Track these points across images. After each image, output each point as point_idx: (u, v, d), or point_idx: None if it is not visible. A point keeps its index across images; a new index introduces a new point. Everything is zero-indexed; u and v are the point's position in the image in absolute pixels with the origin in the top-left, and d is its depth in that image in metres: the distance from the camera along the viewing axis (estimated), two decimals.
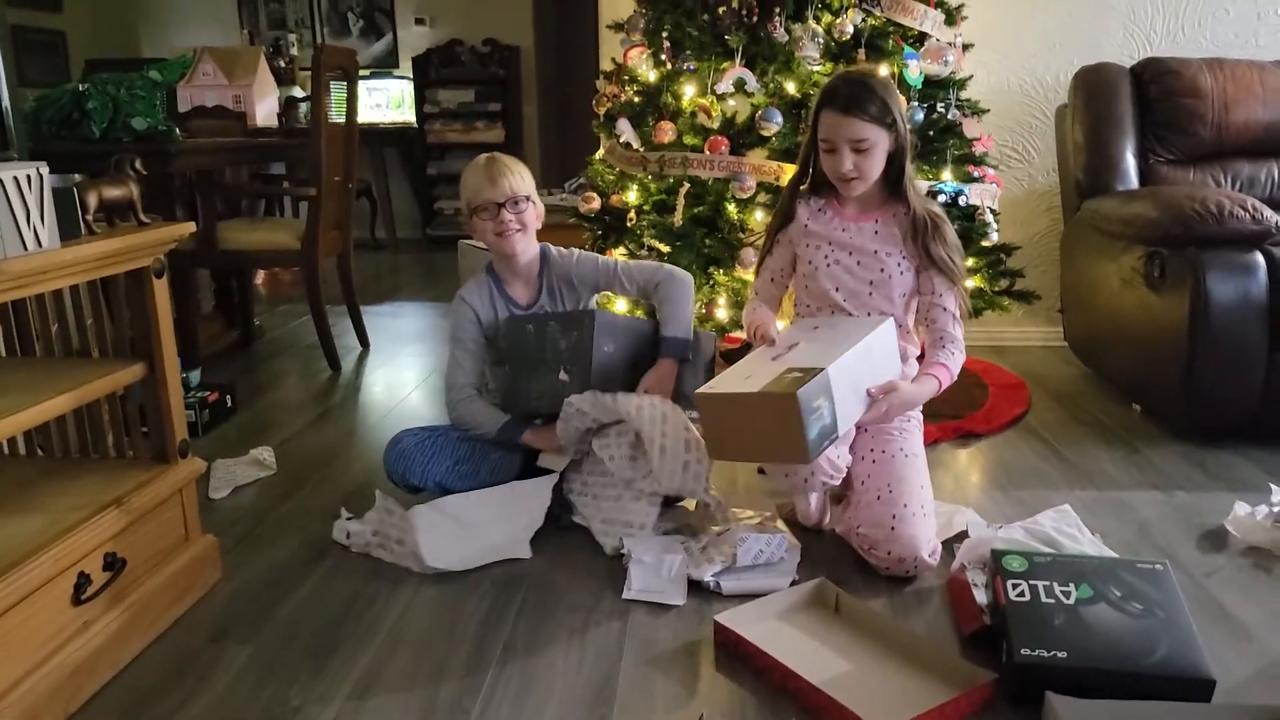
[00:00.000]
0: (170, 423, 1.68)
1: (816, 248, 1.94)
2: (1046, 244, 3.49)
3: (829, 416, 1.60)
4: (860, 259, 1.90)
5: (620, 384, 1.96)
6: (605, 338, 1.95)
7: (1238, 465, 2.32)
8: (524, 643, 1.57)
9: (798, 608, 1.64)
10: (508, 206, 1.98)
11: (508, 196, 1.98)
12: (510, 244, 2.00)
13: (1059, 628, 1.41)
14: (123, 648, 1.52)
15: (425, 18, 6.62)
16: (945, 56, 2.59)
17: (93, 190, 1.52)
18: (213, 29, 6.62)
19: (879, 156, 1.82)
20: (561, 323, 1.99)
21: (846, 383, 1.64)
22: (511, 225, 1.99)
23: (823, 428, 1.60)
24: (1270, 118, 2.94)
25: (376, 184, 6.50)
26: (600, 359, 1.93)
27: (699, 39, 2.61)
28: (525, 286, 2.11)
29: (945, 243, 1.86)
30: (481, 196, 1.98)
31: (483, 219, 2.00)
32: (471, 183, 2.01)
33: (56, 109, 2.91)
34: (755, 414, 1.61)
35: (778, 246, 2.03)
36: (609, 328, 1.98)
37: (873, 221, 1.91)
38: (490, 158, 2.03)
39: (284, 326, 4.03)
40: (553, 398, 1.95)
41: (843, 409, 1.63)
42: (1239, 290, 2.30)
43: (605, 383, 1.93)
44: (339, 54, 3.30)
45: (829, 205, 1.94)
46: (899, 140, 1.83)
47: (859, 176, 1.83)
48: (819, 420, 1.58)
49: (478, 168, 2.02)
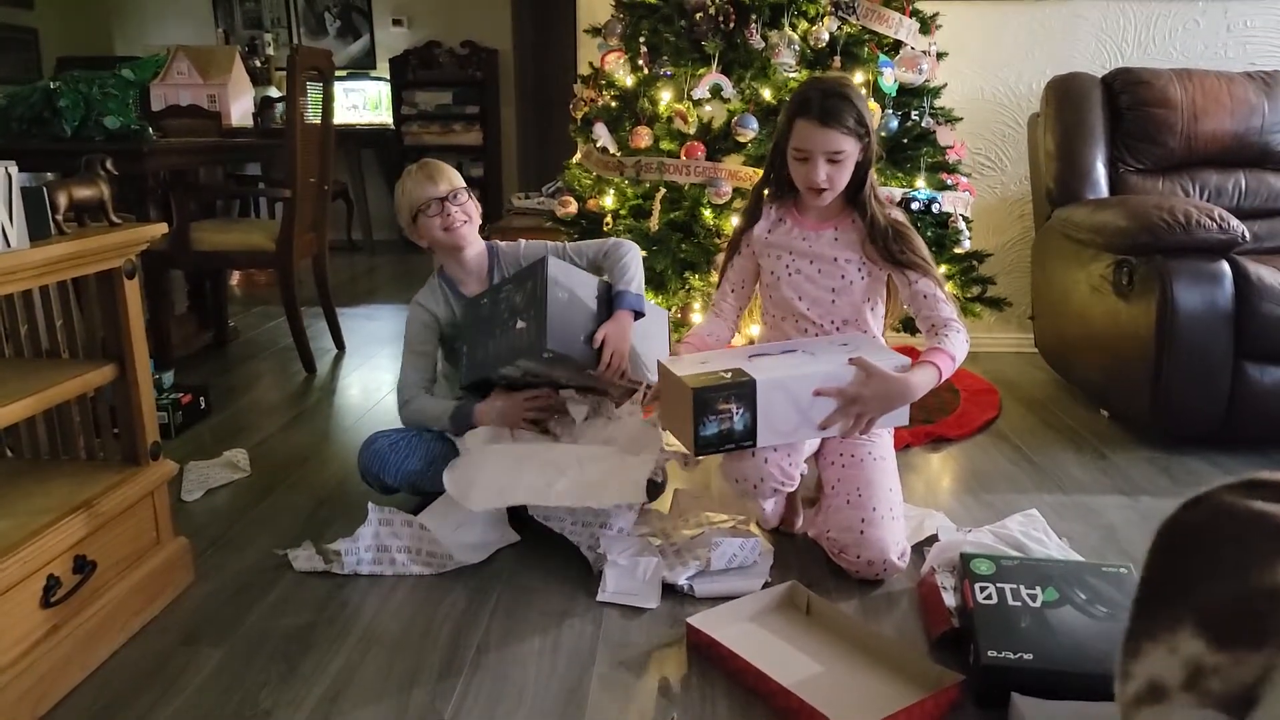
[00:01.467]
0: (142, 424, 1.67)
1: (777, 258, 1.94)
2: (1018, 251, 3.53)
3: (741, 425, 1.62)
4: (821, 266, 1.91)
5: (579, 331, 1.94)
6: (560, 286, 1.93)
7: (1204, 471, 2.35)
8: (497, 645, 1.57)
9: (769, 610, 1.65)
10: (450, 199, 2.04)
11: (450, 190, 2.04)
12: (460, 236, 2.06)
13: (1025, 630, 1.43)
14: (92, 651, 1.50)
15: (403, 19, 6.59)
16: (920, 65, 2.62)
17: (63, 190, 1.51)
18: (187, 28, 6.57)
19: (850, 167, 1.83)
20: (516, 281, 2.00)
21: (785, 401, 1.64)
22: (458, 217, 2.04)
23: (726, 432, 1.62)
24: (1237, 128, 3.00)
25: (353, 185, 6.47)
26: (555, 305, 1.90)
27: (676, 45, 2.62)
28: (478, 283, 2.14)
29: (912, 248, 1.86)
30: (424, 195, 2.04)
31: (428, 216, 2.04)
32: (409, 187, 2.07)
33: (27, 107, 2.88)
34: (675, 396, 1.67)
35: (740, 255, 2.01)
36: (564, 272, 1.97)
37: (831, 229, 1.91)
38: (423, 162, 2.11)
39: (259, 328, 4.01)
40: (511, 352, 1.93)
41: (774, 424, 1.65)
42: (1205, 298, 2.34)
43: (563, 329, 1.90)
44: (315, 55, 3.29)
45: (788, 214, 1.95)
46: (867, 151, 1.84)
47: (830, 187, 1.83)
48: (721, 424, 1.61)
49: (412, 173, 2.09)
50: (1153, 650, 0.80)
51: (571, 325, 1.93)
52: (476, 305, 2.07)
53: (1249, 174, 3.04)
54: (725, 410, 1.60)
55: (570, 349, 1.90)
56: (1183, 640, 0.78)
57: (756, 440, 1.65)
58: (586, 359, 1.93)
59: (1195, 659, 0.76)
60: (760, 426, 1.64)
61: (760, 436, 1.65)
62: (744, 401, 1.61)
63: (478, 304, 2.06)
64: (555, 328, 1.88)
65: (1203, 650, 0.76)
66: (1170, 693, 0.77)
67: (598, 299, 2.03)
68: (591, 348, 1.94)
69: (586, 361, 1.93)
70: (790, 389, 1.64)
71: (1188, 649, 0.77)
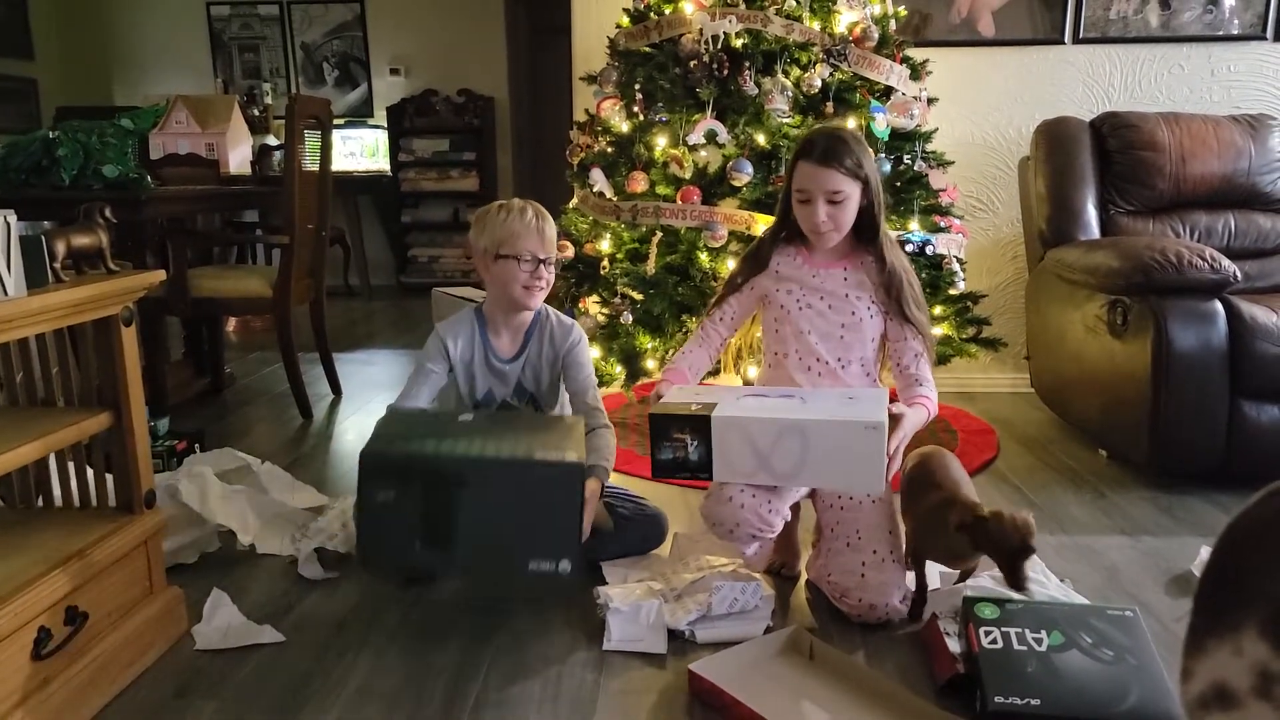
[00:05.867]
0: (136, 472, 1.65)
1: (788, 291, 1.94)
2: (1012, 292, 3.55)
3: (696, 456, 1.67)
4: (831, 303, 1.92)
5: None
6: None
7: (1204, 510, 2.35)
8: (496, 696, 1.55)
9: (772, 655, 1.63)
10: (547, 265, 1.95)
11: (550, 254, 1.96)
12: (534, 299, 1.96)
13: (1031, 675, 1.42)
14: (84, 704, 1.48)
15: (400, 68, 6.68)
16: (911, 110, 2.66)
17: (61, 238, 1.52)
18: (187, 78, 6.64)
19: (851, 209, 1.85)
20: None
21: (741, 441, 1.65)
22: (546, 282, 1.96)
23: (679, 460, 1.68)
24: (1225, 170, 3.03)
25: (350, 231, 6.50)
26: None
27: (671, 91, 2.66)
28: (511, 340, 2.05)
29: (916, 303, 1.90)
30: (524, 246, 1.92)
31: (520, 268, 1.92)
32: (513, 228, 1.93)
33: (26, 155, 2.90)
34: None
35: (740, 293, 1.99)
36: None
37: (841, 268, 1.93)
38: (534, 207, 1.97)
39: (255, 374, 4.00)
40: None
41: (730, 461, 1.67)
42: (1200, 338, 2.35)
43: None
44: (313, 103, 3.32)
45: (799, 253, 1.97)
46: (870, 194, 1.86)
47: (834, 228, 1.85)
48: (675, 450, 1.68)
49: (518, 214, 1.94)
50: (1217, 650, 0.77)
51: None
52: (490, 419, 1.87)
53: (1238, 215, 3.07)
54: (680, 439, 1.67)
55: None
56: (1248, 642, 0.75)
57: (714, 473, 1.69)
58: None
59: (1262, 664, 0.74)
60: (716, 462, 1.68)
61: (717, 471, 1.68)
62: (699, 435, 1.66)
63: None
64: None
65: (1269, 655, 0.73)
66: (1241, 699, 0.74)
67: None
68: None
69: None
70: (749, 430, 1.65)
71: (1254, 652, 0.74)
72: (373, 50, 6.69)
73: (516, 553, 1.60)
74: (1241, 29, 3.39)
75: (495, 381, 2.05)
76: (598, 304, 2.83)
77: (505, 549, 1.60)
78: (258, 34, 6.72)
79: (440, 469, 1.56)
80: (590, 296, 2.84)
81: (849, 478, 1.67)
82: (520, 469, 1.58)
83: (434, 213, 6.68)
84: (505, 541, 1.59)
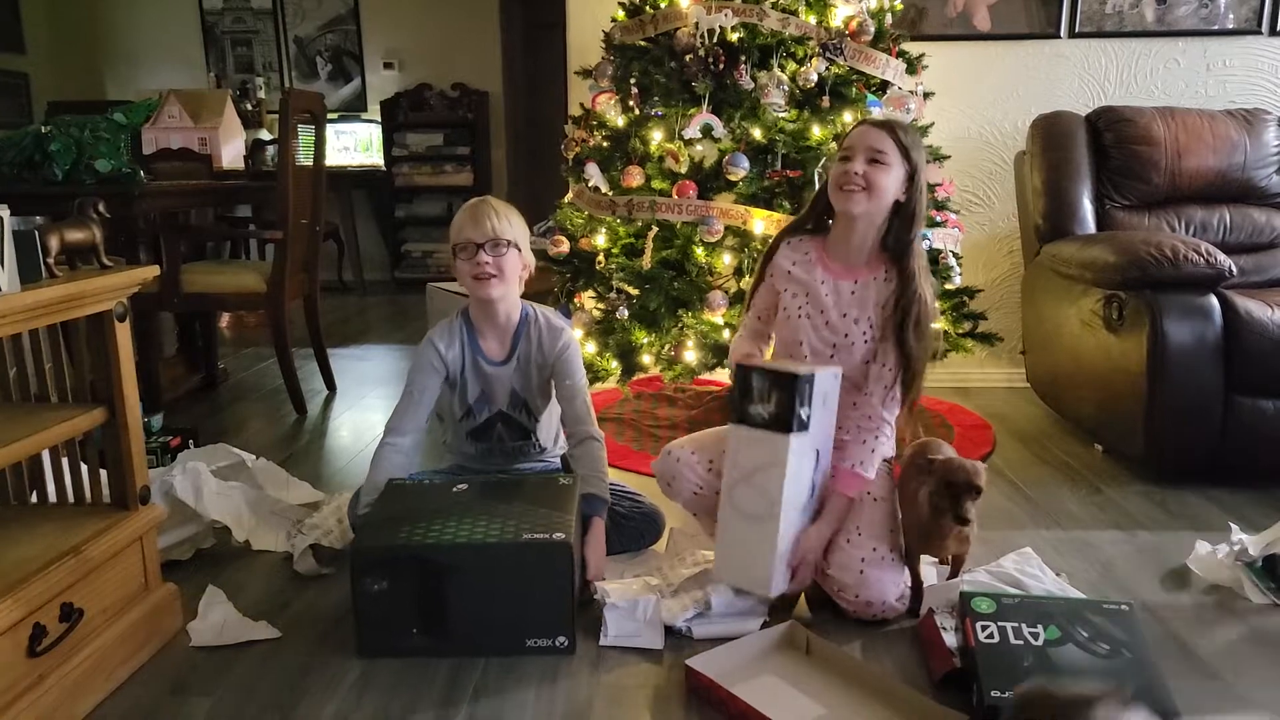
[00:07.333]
0: (131, 469, 1.65)
1: (794, 295, 1.90)
2: (1008, 287, 3.56)
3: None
4: (829, 320, 1.87)
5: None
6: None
7: (1198, 505, 2.35)
8: (494, 688, 1.55)
9: (769, 651, 1.63)
10: (486, 248, 1.89)
11: (488, 238, 1.89)
12: (485, 289, 1.91)
13: (1028, 670, 1.42)
14: (79, 701, 1.47)
15: (394, 62, 6.66)
16: (907, 104, 2.65)
17: (54, 233, 1.51)
18: (179, 73, 6.61)
19: (888, 184, 1.77)
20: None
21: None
22: (487, 268, 1.89)
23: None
24: (1220, 165, 3.04)
25: (344, 226, 6.48)
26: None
27: (666, 85, 2.65)
28: (498, 342, 2.01)
29: (919, 333, 1.80)
30: (463, 235, 1.91)
31: (462, 258, 1.92)
32: (457, 221, 1.94)
33: (18, 150, 2.88)
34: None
35: (764, 285, 1.96)
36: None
37: (853, 281, 1.86)
38: (481, 199, 1.96)
39: (249, 369, 3.99)
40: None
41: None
42: (1195, 332, 2.35)
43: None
44: (307, 98, 3.31)
45: (816, 250, 1.90)
46: (912, 191, 1.79)
47: (865, 187, 1.77)
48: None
49: (467, 207, 1.95)
50: None
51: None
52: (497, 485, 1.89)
53: (1233, 209, 3.07)
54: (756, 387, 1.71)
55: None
56: None
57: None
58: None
59: None
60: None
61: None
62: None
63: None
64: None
65: None
66: None
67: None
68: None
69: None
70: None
71: None
72: (366, 44, 6.67)
73: (514, 631, 1.65)
74: (1237, 23, 3.39)
75: (487, 386, 2.02)
76: (593, 299, 2.83)
77: (502, 628, 1.65)
78: (250, 28, 6.69)
79: (431, 558, 1.61)
80: (586, 291, 2.84)
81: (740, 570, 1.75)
82: (509, 552, 1.62)
83: (428, 208, 6.67)
84: (501, 621, 1.64)
